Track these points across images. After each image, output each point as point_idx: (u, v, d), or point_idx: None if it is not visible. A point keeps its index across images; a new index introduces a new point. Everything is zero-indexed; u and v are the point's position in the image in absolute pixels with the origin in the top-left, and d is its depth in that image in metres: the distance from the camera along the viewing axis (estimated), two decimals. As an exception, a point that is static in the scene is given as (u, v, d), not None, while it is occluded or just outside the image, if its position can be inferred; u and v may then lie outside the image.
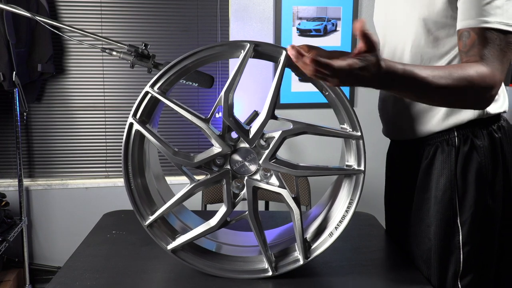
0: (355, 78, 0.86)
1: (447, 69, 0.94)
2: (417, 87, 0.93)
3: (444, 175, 1.10)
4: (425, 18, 1.07)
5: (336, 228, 1.08)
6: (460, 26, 1.00)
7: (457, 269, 1.10)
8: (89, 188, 2.73)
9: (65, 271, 1.12)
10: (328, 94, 1.03)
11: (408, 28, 1.12)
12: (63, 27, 1.17)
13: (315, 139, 2.75)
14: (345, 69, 0.84)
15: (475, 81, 0.93)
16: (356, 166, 1.06)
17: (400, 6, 1.14)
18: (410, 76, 0.91)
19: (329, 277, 1.11)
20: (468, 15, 0.98)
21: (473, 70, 0.94)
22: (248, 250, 1.15)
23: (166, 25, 2.67)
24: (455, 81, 0.92)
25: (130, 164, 1.05)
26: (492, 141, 1.09)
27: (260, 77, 2.74)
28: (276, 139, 1.03)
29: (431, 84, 0.92)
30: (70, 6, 2.59)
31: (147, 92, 1.02)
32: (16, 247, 2.57)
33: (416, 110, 1.15)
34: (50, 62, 2.48)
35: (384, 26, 1.25)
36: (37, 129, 2.67)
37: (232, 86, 1.00)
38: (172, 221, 1.12)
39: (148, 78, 2.61)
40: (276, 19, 2.70)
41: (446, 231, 1.10)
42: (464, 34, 0.99)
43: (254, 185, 1.06)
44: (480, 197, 1.08)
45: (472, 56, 0.97)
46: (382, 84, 0.91)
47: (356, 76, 0.86)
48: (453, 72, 0.93)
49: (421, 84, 0.92)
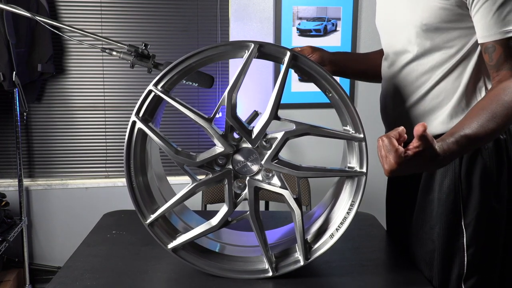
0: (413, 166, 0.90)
1: (489, 110, 0.96)
2: (473, 144, 0.98)
3: (448, 177, 1.10)
4: (426, 23, 1.07)
5: (337, 229, 1.08)
6: (483, 40, 1.01)
7: (461, 271, 1.10)
8: (89, 188, 2.72)
9: (65, 271, 1.12)
10: (331, 95, 1.03)
11: (409, 31, 1.12)
12: (63, 27, 1.17)
13: (316, 140, 2.75)
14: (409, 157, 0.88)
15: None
16: (358, 168, 1.06)
17: (400, 9, 1.14)
18: (465, 142, 0.94)
19: (329, 277, 1.11)
20: (490, 28, 0.99)
21: (509, 94, 0.97)
22: (251, 250, 1.15)
23: (166, 25, 2.67)
24: (502, 118, 0.96)
25: (132, 162, 1.05)
26: (496, 143, 1.09)
27: (260, 77, 2.74)
28: (279, 139, 1.03)
29: (484, 134, 0.96)
30: (70, 6, 2.58)
31: (150, 90, 1.02)
32: (16, 247, 2.56)
33: (419, 112, 1.15)
34: (50, 62, 2.47)
35: (384, 27, 1.24)
36: (37, 129, 2.67)
37: (235, 86, 1.00)
38: (174, 221, 1.12)
39: (148, 78, 2.61)
40: (276, 19, 2.69)
41: (450, 233, 1.10)
42: (489, 48, 1.01)
43: (255, 185, 1.06)
44: (484, 199, 1.08)
45: (504, 70, 1.00)
46: (442, 164, 0.95)
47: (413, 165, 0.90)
48: (495, 109, 0.96)
49: (476, 140, 0.96)
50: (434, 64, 1.11)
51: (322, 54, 1.32)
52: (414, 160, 0.88)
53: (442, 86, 1.11)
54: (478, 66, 1.08)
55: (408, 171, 0.91)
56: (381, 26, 1.26)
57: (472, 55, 1.08)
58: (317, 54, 1.31)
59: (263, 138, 1.04)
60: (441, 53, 1.09)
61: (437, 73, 1.11)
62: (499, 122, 0.96)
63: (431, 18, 1.06)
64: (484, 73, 1.10)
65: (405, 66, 1.16)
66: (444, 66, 1.10)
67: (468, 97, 1.09)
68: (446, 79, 1.10)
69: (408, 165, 0.88)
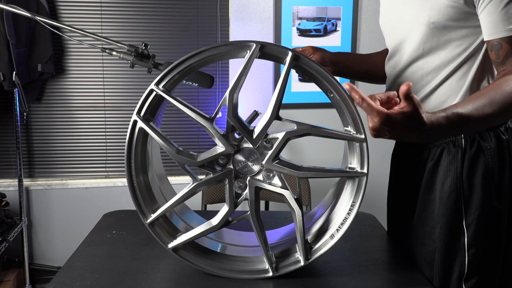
0: (400, 130, 0.89)
1: (487, 96, 0.95)
2: (464, 125, 0.96)
3: (450, 176, 1.10)
4: (434, 21, 1.07)
5: (338, 230, 1.08)
6: (489, 37, 1.01)
7: (462, 271, 1.10)
8: (89, 188, 2.72)
9: (65, 271, 1.12)
10: (333, 96, 1.03)
11: (416, 30, 1.11)
12: (63, 27, 1.17)
13: (317, 140, 2.75)
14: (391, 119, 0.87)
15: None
16: (359, 168, 1.06)
17: (408, 8, 1.13)
18: (455, 119, 0.93)
19: (329, 277, 1.11)
20: (496, 26, 0.99)
21: (510, 85, 0.96)
22: (252, 250, 1.14)
23: (166, 25, 2.67)
24: (499, 105, 0.95)
25: (133, 162, 1.05)
26: (499, 143, 1.09)
27: (260, 77, 2.74)
28: (280, 140, 1.03)
29: (478, 117, 0.94)
30: (70, 6, 2.59)
31: (152, 90, 1.01)
32: (16, 247, 2.56)
33: None
34: (50, 62, 2.47)
35: (390, 26, 1.24)
36: (37, 129, 2.67)
37: (237, 86, 1.00)
38: (175, 221, 1.12)
39: (148, 78, 2.62)
40: (276, 19, 2.70)
41: (451, 233, 1.10)
42: (495, 45, 1.01)
43: (256, 185, 1.06)
44: (486, 199, 1.08)
45: (509, 66, 1.00)
46: (429, 137, 0.95)
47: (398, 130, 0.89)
48: (494, 96, 0.95)
49: (468, 121, 0.94)
50: (440, 62, 1.10)
51: (323, 54, 1.32)
52: (399, 121, 0.87)
53: (447, 84, 1.11)
54: (483, 64, 1.08)
55: (394, 133, 0.89)
56: (387, 25, 1.26)
57: (478, 54, 1.08)
58: (318, 54, 1.31)
59: (264, 138, 1.04)
60: (447, 51, 1.09)
61: (443, 72, 1.11)
62: (495, 109, 0.94)
63: (439, 16, 1.06)
64: (488, 72, 1.10)
65: (410, 65, 1.16)
66: (450, 65, 1.10)
67: None
68: (452, 77, 1.10)
69: (392, 125, 0.87)
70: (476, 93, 0.99)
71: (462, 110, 0.93)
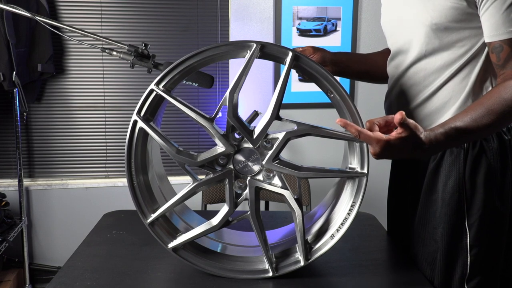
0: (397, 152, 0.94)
1: (485, 105, 0.96)
2: (463, 138, 0.98)
3: (452, 177, 1.10)
4: (436, 22, 1.07)
5: (338, 230, 1.08)
6: (491, 39, 1.01)
7: (464, 271, 1.10)
8: (89, 188, 2.72)
9: (65, 271, 1.12)
10: (333, 96, 1.03)
11: (418, 31, 1.11)
12: (63, 27, 1.17)
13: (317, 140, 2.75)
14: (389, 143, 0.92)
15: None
16: (359, 169, 1.06)
17: (410, 8, 1.13)
18: (454, 134, 0.95)
19: (329, 277, 1.11)
20: (498, 28, 0.99)
21: (509, 92, 0.96)
22: (252, 250, 1.14)
23: (166, 25, 2.67)
24: (498, 114, 0.96)
25: (133, 161, 1.05)
26: (501, 143, 1.09)
27: (260, 77, 2.74)
28: (280, 140, 1.03)
29: (477, 129, 0.96)
30: (70, 6, 2.58)
31: (152, 90, 1.02)
32: (16, 247, 2.56)
33: (425, 112, 1.15)
34: (50, 62, 2.47)
35: (392, 27, 1.23)
36: (37, 129, 2.67)
37: (237, 86, 1.00)
38: (175, 221, 1.12)
39: (148, 78, 2.61)
40: (276, 19, 2.69)
41: (454, 234, 1.10)
42: (496, 47, 1.01)
43: (256, 185, 1.06)
44: (488, 200, 1.08)
45: (509, 69, 1.00)
46: (430, 153, 0.98)
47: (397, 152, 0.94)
48: (492, 105, 0.96)
49: (467, 133, 0.96)
50: (442, 64, 1.10)
51: (323, 54, 1.32)
52: (398, 145, 0.91)
53: (449, 86, 1.11)
54: (485, 66, 1.08)
55: (395, 155, 0.95)
56: (388, 25, 1.26)
57: (480, 55, 1.08)
58: (318, 54, 1.31)
59: (264, 138, 1.04)
60: (450, 53, 1.09)
61: (445, 73, 1.10)
62: (494, 118, 0.96)
63: (441, 17, 1.06)
64: (491, 73, 1.10)
65: (412, 65, 1.16)
66: (452, 66, 1.09)
67: (474, 98, 1.09)
68: (454, 79, 1.10)
69: (392, 149, 0.92)
70: (474, 103, 1.00)
71: (460, 123, 0.95)
